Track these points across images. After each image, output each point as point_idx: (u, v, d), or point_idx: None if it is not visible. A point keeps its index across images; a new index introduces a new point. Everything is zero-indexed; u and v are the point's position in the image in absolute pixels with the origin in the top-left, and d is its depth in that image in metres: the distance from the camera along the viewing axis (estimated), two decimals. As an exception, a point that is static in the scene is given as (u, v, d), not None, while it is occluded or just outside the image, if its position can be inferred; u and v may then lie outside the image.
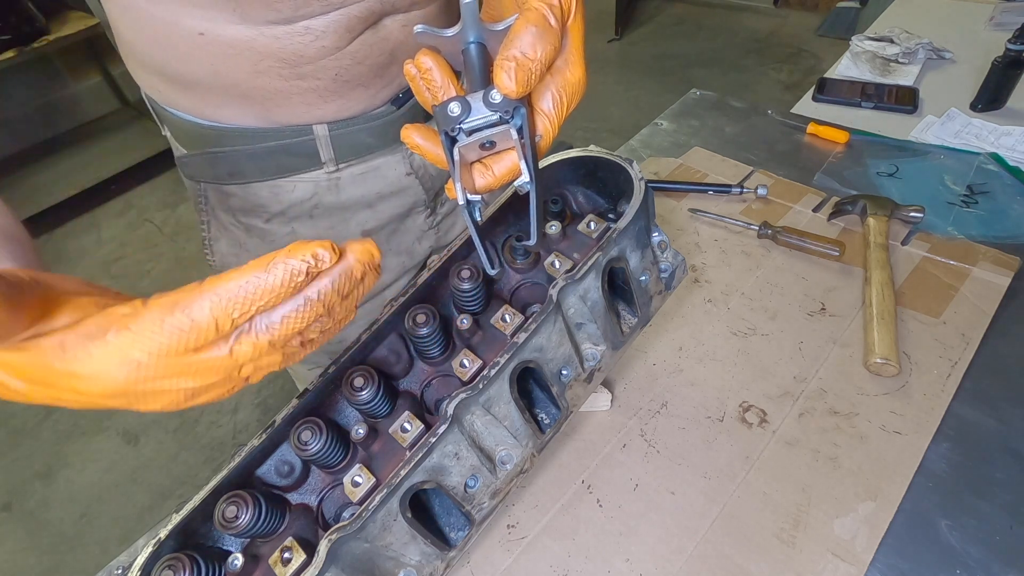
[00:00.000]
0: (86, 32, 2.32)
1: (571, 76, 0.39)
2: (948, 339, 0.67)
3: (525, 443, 0.44)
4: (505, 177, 0.39)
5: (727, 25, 3.47)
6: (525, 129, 0.37)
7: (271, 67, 0.51)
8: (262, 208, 0.63)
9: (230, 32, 0.49)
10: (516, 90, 0.35)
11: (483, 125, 0.36)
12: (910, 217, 0.78)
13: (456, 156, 0.37)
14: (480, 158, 0.39)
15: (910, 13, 1.31)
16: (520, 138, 0.37)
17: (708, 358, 0.68)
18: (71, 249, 2.50)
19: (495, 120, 0.36)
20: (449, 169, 0.37)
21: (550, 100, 0.39)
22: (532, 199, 0.38)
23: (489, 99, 0.36)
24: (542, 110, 0.39)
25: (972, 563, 0.52)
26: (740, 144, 0.99)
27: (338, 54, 0.52)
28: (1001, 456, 0.58)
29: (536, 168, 0.38)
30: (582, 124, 2.87)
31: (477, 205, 0.38)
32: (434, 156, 0.40)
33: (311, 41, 0.50)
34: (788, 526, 0.54)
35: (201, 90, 0.54)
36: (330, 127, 0.58)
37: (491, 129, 0.37)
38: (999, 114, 1.01)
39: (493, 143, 0.37)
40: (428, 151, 0.40)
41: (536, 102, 0.39)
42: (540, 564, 0.55)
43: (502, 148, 0.38)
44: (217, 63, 0.51)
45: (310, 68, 0.52)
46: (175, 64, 0.52)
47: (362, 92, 0.57)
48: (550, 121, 0.39)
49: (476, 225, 0.38)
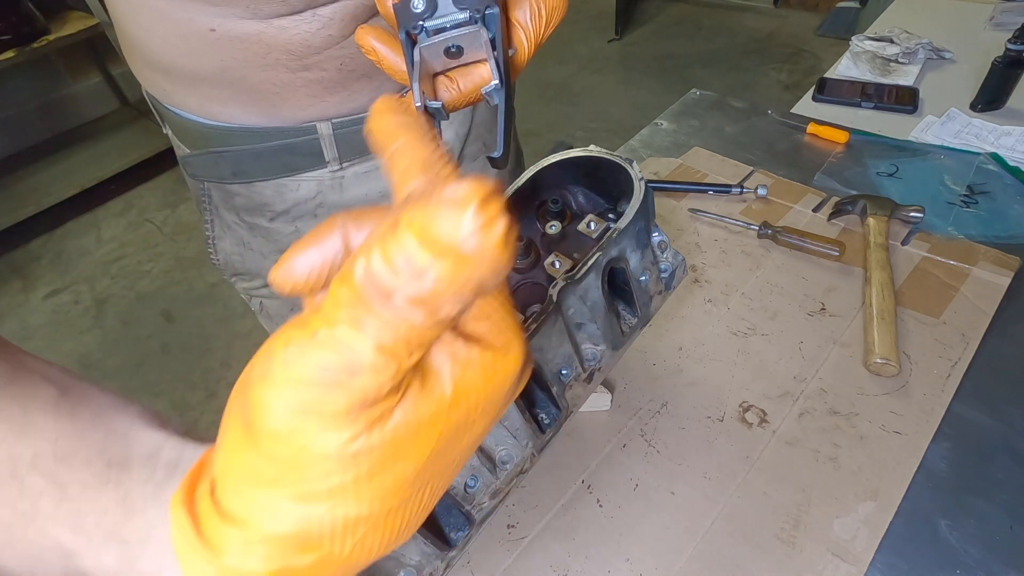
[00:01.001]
0: (86, 32, 2.31)
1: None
2: (948, 339, 0.67)
3: (525, 443, 0.44)
4: (472, 92, 0.35)
5: (727, 25, 3.47)
6: (498, 37, 0.33)
7: (279, 59, 0.52)
8: (266, 207, 0.63)
9: (240, 27, 0.49)
10: None
11: (450, 25, 0.32)
12: (910, 217, 0.78)
13: (417, 57, 0.32)
14: (445, 69, 0.35)
15: (910, 13, 1.31)
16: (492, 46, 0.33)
17: (708, 358, 0.68)
18: (71, 249, 2.50)
19: (464, 20, 0.32)
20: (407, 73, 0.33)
21: (527, 12, 0.35)
22: (500, 107, 0.34)
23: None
24: (518, 21, 0.35)
25: (972, 563, 0.52)
26: (740, 144, 0.99)
27: (343, 42, 0.52)
28: (1001, 456, 0.58)
29: (508, 76, 0.34)
30: (582, 124, 2.87)
31: (439, 117, 0.34)
32: (391, 63, 0.35)
33: (318, 29, 0.50)
34: (788, 526, 0.54)
35: (207, 88, 0.54)
36: (334, 126, 0.58)
37: (459, 30, 0.32)
38: (999, 114, 1.01)
39: (460, 48, 0.33)
40: (385, 56, 0.35)
41: (512, 12, 0.35)
42: (540, 564, 0.55)
43: (470, 59, 0.35)
44: (226, 58, 0.51)
45: (316, 59, 0.52)
46: (183, 61, 0.53)
47: (366, 83, 0.57)
48: (526, 34, 0.35)
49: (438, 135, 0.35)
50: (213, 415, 1.85)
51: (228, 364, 2.00)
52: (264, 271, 0.69)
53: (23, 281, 2.39)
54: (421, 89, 0.32)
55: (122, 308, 2.24)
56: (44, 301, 2.30)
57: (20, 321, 2.23)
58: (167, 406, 1.90)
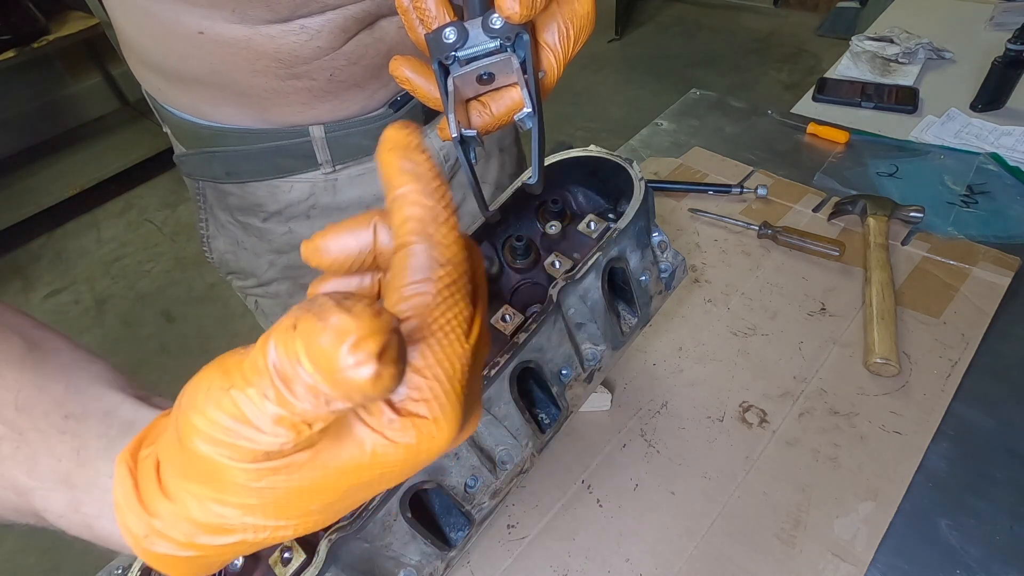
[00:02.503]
0: (86, 32, 2.31)
1: (579, 8, 0.35)
2: (948, 339, 0.67)
3: (525, 443, 0.44)
4: (504, 116, 0.36)
5: (727, 25, 3.47)
6: (528, 61, 0.34)
7: (268, 66, 0.51)
8: (259, 207, 0.63)
9: (228, 31, 0.49)
10: (520, 12, 0.31)
11: (481, 54, 0.33)
12: (910, 217, 0.78)
13: (450, 87, 0.33)
14: (477, 95, 0.36)
15: (910, 13, 1.31)
16: (523, 70, 0.34)
17: (708, 358, 0.68)
18: (71, 249, 2.50)
19: (495, 48, 0.33)
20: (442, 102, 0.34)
21: (556, 33, 0.35)
22: (535, 133, 0.35)
23: (489, 24, 0.33)
24: (547, 43, 0.35)
25: (972, 563, 0.52)
26: (740, 144, 0.99)
27: (333, 54, 0.52)
28: (1001, 456, 0.58)
29: (540, 101, 0.35)
30: (582, 124, 2.87)
31: (472, 144, 0.35)
32: (425, 92, 0.36)
33: (306, 40, 0.50)
34: (788, 526, 0.54)
35: (199, 88, 0.54)
36: (326, 129, 0.57)
37: (490, 58, 0.33)
38: (999, 114, 1.01)
39: (492, 75, 0.34)
40: (419, 86, 0.36)
41: (540, 34, 0.36)
42: (540, 564, 0.55)
43: (501, 84, 0.35)
44: (215, 62, 0.51)
45: (305, 68, 0.52)
46: (174, 62, 0.53)
47: (357, 93, 0.56)
48: (555, 56, 0.36)
49: (471, 166, 0.35)
50: (213, 415, 1.86)
51: (228, 364, 2.00)
52: (258, 270, 0.69)
53: (23, 281, 2.39)
54: (456, 119, 0.33)
55: (122, 308, 2.24)
56: (44, 301, 2.30)
57: (20, 321, 2.23)
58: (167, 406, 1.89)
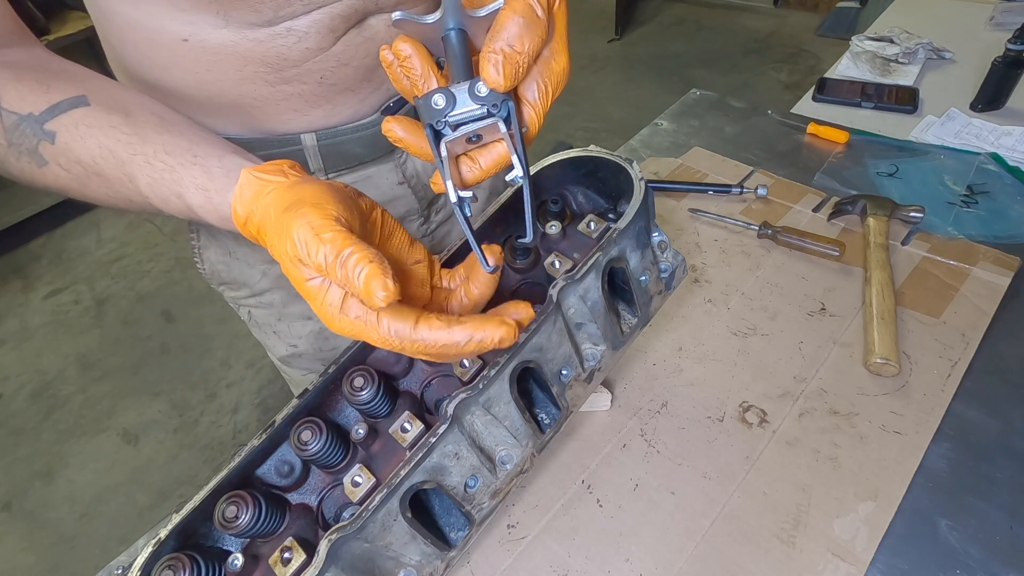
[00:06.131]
0: (86, 32, 2.31)
1: (556, 65, 0.38)
2: (948, 339, 0.67)
3: (525, 443, 0.44)
4: (492, 169, 0.38)
5: (727, 25, 3.47)
6: (513, 121, 0.36)
7: (256, 72, 0.50)
8: None
9: (213, 37, 0.47)
10: (504, 84, 0.34)
11: (469, 119, 0.35)
12: (910, 217, 0.78)
13: (444, 152, 0.36)
14: (466, 151, 0.38)
15: (910, 13, 1.31)
16: (509, 130, 0.36)
17: (708, 358, 0.68)
18: (71, 249, 2.50)
19: (482, 113, 0.35)
20: (436, 165, 0.36)
21: (535, 90, 0.38)
22: (526, 193, 0.37)
23: (475, 92, 0.35)
24: (528, 100, 0.38)
25: (972, 563, 0.52)
26: (740, 144, 0.99)
27: (322, 56, 0.51)
28: (1001, 456, 0.58)
29: (526, 156, 0.37)
30: (582, 124, 2.87)
31: (468, 201, 0.37)
32: (417, 149, 0.39)
33: (294, 43, 0.49)
34: (788, 526, 0.54)
35: (184, 100, 0.53)
36: (318, 136, 0.56)
37: (478, 123, 0.36)
38: (999, 114, 1.01)
39: (480, 136, 0.37)
40: (412, 144, 0.39)
41: (522, 92, 0.38)
42: (540, 564, 0.55)
43: (488, 140, 0.38)
44: (201, 71, 0.50)
45: (294, 72, 0.51)
46: (158, 73, 0.51)
47: (349, 96, 0.55)
48: (535, 111, 0.38)
49: (469, 221, 0.37)
50: (213, 415, 1.85)
51: (228, 364, 2.00)
52: (251, 280, 0.68)
53: (23, 281, 2.39)
54: (453, 184, 0.36)
55: (122, 308, 2.24)
56: (44, 301, 2.30)
57: (20, 321, 2.23)
58: (167, 406, 1.90)
